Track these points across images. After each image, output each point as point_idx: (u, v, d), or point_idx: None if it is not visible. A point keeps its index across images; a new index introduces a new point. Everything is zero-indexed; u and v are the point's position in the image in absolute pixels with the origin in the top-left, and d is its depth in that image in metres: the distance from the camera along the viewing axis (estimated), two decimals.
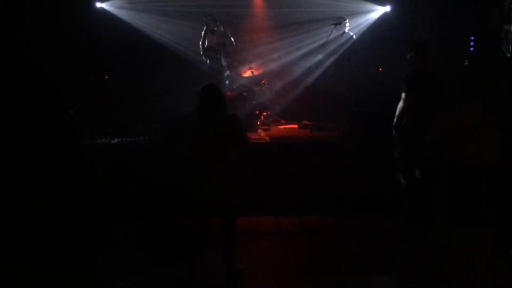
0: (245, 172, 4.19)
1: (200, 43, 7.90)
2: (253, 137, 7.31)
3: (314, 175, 5.97)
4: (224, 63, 8.05)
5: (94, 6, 8.86)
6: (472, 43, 8.39)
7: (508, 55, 7.35)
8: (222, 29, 8.04)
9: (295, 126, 8.31)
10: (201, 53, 7.99)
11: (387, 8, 9.19)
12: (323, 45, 7.93)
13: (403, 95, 4.87)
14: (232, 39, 8.07)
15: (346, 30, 8.15)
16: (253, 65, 8.79)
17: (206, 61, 8.00)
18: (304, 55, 8.95)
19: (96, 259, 4.53)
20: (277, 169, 6.06)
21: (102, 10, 8.94)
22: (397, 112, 4.92)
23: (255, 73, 8.72)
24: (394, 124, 4.96)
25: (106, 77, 8.84)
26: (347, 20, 8.17)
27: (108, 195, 5.63)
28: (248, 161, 4.26)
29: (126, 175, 5.90)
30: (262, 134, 7.63)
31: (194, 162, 4.09)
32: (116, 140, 6.64)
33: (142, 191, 5.77)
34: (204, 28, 7.89)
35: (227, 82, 8.20)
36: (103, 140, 6.69)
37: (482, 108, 3.14)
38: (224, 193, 4.02)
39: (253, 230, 5.39)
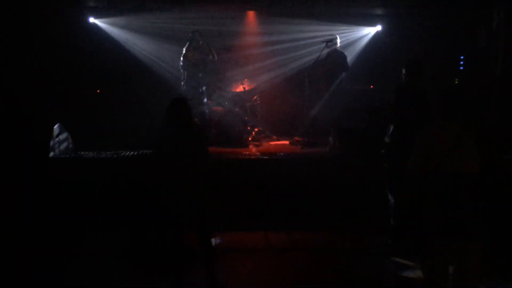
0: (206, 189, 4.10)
1: (181, 58, 7.86)
2: (244, 152, 7.31)
3: (304, 191, 5.94)
4: (203, 80, 8.02)
5: (87, 21, 8.90)
6: (462, 62, 8.52)
7: (497, 74, 7.46)
8: (205, 45, 8.06)
9: (287, 142, 8.31)
10: (180, 68, 7.96)
11: (378, 28, 9.34)
12: (315, 62, 7.99)
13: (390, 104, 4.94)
14: (215, 55, 8.07)
15: (337, 47, 8.22)
16: (245, 81, 8.82)
17: (184, 76, 7.96)
18: (296, 73, 9.05)
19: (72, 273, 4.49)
20: (267, 185, 6.03)
21: (94, 25, 8.99)
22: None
23: (247, 88, 8.76)
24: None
25: (98, 91, 8.82)
26: (338, 38, 8.26)
27: (93, 208, 5.60)
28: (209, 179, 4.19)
29: (113, 188, 5.83)
30: (253, 150, 7.62)
31: (162, 174, 4.05)
32: (106, 153, 6.60)
33: (128, 204, 5.70)
34: (187, 43, 7.88)
35: (205, 100, 8.23)
36: (92, 153, 6.65)
37: (460, 125, 3.18)
38: (193, 206, 3.98)
39: (242, 245, 5.35)
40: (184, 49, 7.87)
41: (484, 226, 3.10)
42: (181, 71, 8.03)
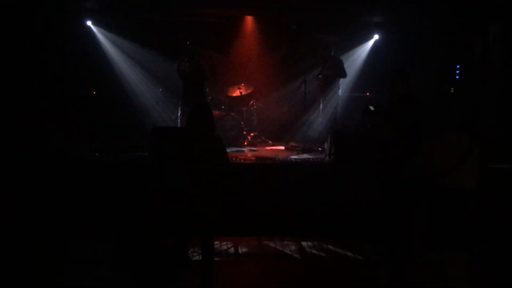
0: (225, 193, 4.10)
1: (177, 68, 7.80)
2: (239, 157, 7.30)
3: (299, 198, 5.94)
4: (201, 89, 7.98)
5: (84, 24, 8.91)
6: (458, 71, 8.57)
7: (493, 84, 7.50)
8: (201, 55, 8.03)
9: (282, 147, 8.32)
10: (179, 77, 7.90)
11: (376, 37, 9.37)
12: (311, 68, 8.02)
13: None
14: (209, 67, 8.02)
15: (333, 54, 8.26)
16: (241, 85, 8.82)
17: (183, 84, 7.91)
18: (293, 78, 9.07)
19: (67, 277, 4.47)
20: (262, 190, 6.01)
21: (91, 29, 8.99)
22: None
23: (244, 93, 8.76)
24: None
25: (94, 92, 8.81)
26: (333, 45, 8.31)
27: (90, 212, 5.56)
28: (229, 183, 4.18)
29: (109, 192, 5.81)
30: (249, 154, 7.61)
31: (178, 179, 4.05)
32: (101, 155, 6.57)
33: (124, 209, 5.68)
34: (183, 54, 7.84)
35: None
36: (88, 155, 6.63)
37: (469, 137, 3.15)
38: (205, 211, 3.96)
39: (235, 251, 5.33)
40: (178, 59, 7.82)
41: (475, 237, 3.11)
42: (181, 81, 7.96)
